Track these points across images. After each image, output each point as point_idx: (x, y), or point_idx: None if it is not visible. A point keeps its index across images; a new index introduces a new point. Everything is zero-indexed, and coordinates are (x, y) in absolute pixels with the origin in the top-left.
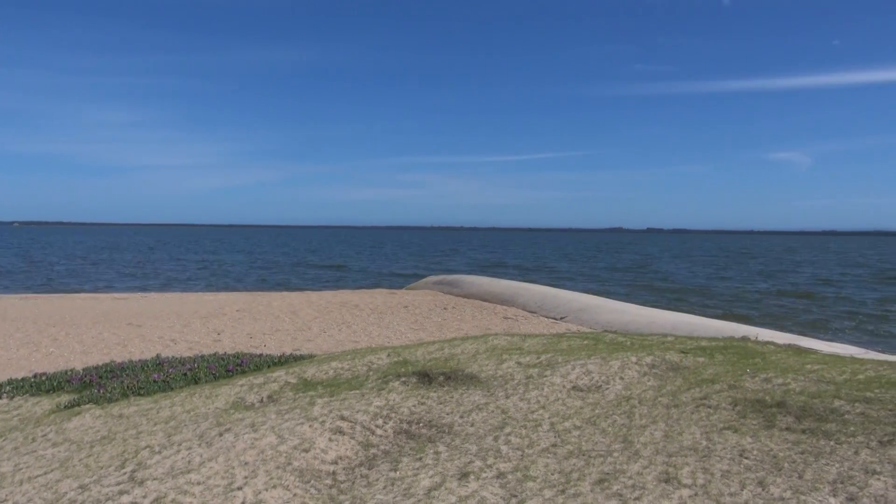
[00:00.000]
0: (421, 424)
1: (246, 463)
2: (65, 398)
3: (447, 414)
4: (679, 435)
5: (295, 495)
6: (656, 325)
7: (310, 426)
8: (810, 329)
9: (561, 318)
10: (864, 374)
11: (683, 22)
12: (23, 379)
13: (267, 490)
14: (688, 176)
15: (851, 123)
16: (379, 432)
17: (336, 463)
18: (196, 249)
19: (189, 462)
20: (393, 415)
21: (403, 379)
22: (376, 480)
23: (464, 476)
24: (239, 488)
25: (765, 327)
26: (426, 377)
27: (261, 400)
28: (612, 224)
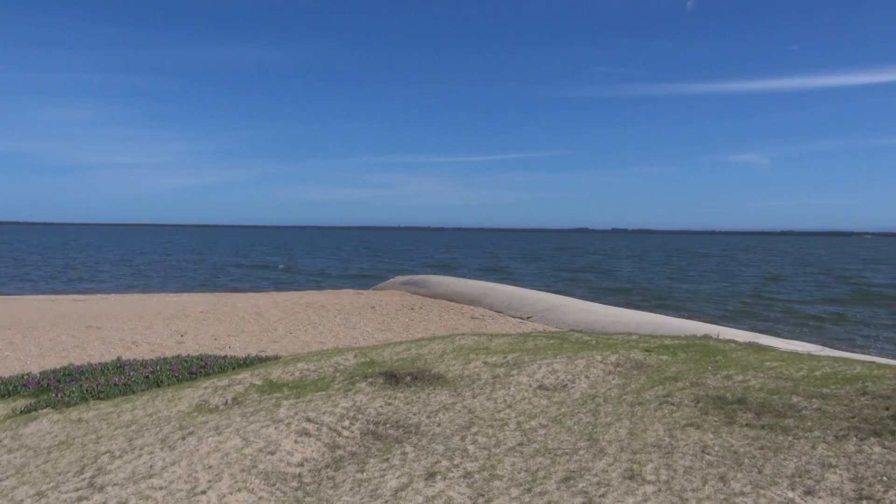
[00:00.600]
0: (388, 425)
1: (210, 466)
2: (21, 403)
3: (414, 414)
4: (643, 432)
5: (260, 498)
6: (621, 324)
7: (275, 428)
8: (762, 323)
9: (528, 318)
10: (821, 371)
11: (646, 25)
12: None
13: (231, 493)
14: (652, 177)
15: (808, 127)
16: (346, 433)
17: (302, 465)
18: (144, 250)
19: (151, 467)
20: (360, 416)
21: (370, 380)
22: (343, 482)
23: (431, 476)
24: (203, 492)
25: (726, 326)
26: (393, 378)
27: (225, 402)
28: (578, 224)
